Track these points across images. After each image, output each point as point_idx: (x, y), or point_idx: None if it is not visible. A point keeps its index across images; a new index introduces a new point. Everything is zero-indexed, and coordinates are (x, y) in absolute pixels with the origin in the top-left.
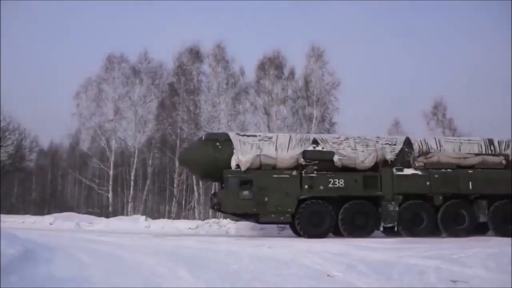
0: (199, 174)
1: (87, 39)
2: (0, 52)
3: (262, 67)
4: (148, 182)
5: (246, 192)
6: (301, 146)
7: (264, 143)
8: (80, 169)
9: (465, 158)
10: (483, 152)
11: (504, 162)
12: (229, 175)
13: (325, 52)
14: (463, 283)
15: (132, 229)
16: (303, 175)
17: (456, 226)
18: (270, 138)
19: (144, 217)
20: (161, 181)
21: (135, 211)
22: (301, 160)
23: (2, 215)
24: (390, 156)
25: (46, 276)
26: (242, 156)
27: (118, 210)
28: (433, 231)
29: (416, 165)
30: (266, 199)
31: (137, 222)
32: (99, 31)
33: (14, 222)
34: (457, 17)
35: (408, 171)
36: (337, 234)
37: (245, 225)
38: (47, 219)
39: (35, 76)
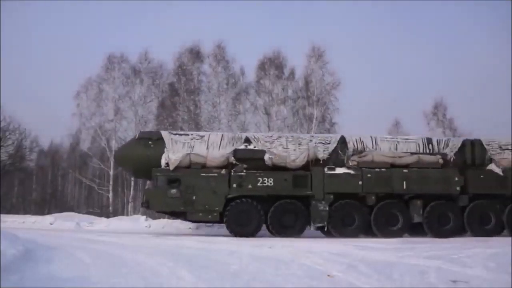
0: (132, 172)
1: (88, 39)
2: (0, 52)
3: (262, 67)
4: (148, 182)
5: (174, 191)
6: (233, 145)
7: (195, 142)
8: (81, 169)
9: (400, 157)
10: (421, 151)
11: (441, 161)
12: (158, 173)
13: (325, 52)
14: (463, 283)
15: (132, 229)
16: (232, 173)
17: (389, 226)
18: (202, 137)
19: (144, 217)
20: None
21: (135, 211)
22: (232, 159)
23: (2, 215)
24: (322, 155)
25: (46, 276)
26: (173, 155)
27: (118, 210)
28: (365, 231)
29: (350, 164)
30: (194, 197)
31: (137, 222)
32: (99, 31)
33: (15, 222)
34: (457, 17)
35: (340, 170)
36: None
37: None
38: (48, 219)
39: (36, 76)
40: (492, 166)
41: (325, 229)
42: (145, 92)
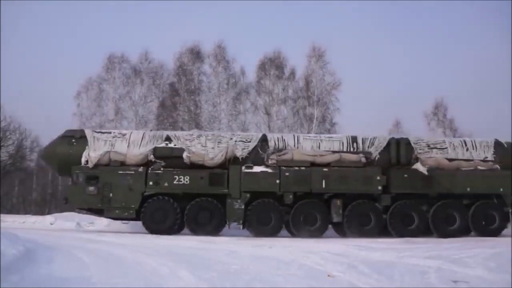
0: (56, 169)
1: (88, 39)
2: (0, 52)
3: (262, 67)
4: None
5: (92, 188)
6: (153, 143)
7: (117, 140)
8: None
9: (321, 155)
10: (345, 149)
11: (363, 160)
12: (77, 171)
13: (325, 52)
14: (464, 283)
15: (132, 229)
16: (149, 171)
17: (308, 226)
18: (124, 135)
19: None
20: None
21: None
22: (151, 157)
23: (2, 215)
24: (241, 153)
25: (47, 276)
26: (93, 153)
27: None
28: (280, 230)
29: (269, 162)
30: (111, 195)
31: (137, 222)
32: (99, 31)
33: (15, 222)
34: (458, 17)
35: (257, 169)
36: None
37: None
38: (48, 219)
39: (36, 76)
40: (417, 166)
41: (241, 228)
42: (145, 92)
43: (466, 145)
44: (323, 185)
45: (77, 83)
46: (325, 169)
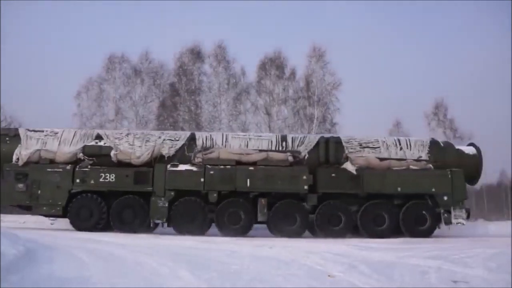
0: None
1: (88, 39)
2: (0, 52)
3: (263, 67)
4: None
5: (21, 185)
6: (84, 141)
7: (49, 138)
8: None
9: (248, 154)
10: (273, 148)
11: (290, 159)
12: (7, 168)
13: (326, 52)
14: (464, 284)
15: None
16: (77, 169)
17: (232, 224)
18: (56, 133)
19: None
20: None
21: None
22: (81, 155)
23: (2, 215)
24: (167, 152)
25: (47, 276)
26: (24, 151)
27: None
28: (207, 229)
29: (196, 161)
30: (39, 192)
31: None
32: (100, 31)
33: (15, 222)
34: (458, 17)
35: (182, 167)
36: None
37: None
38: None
39: (36, 76)
40: (346, 165)
41: (166, 225)
42: (145, 92)
43: (400, 144)
44: (248, 184)
45: (78, 83)
46: (250, 168)
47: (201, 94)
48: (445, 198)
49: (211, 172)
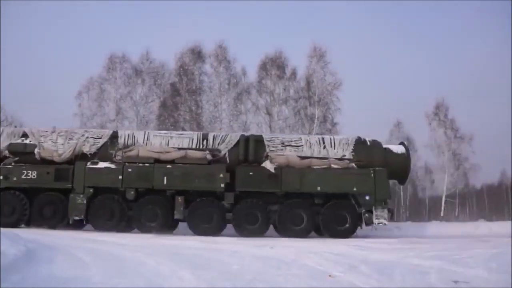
0: None
1: (89, 39)
2: (0, 52)
3: (264, 67)
4: None
5: None
6: (10, 139)
7: None
8: None
9: (167, 152)
10: (194, 146)
11: (208, 157)
12: None
13: (326, 52)
14: (465, 284)
15: None
16: (1, 166)
17: (149, 222)
18: None
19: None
20: None
21: None
22: (6, 152)
23: None
24: (88, 150)
25: (48, 276)
26: None
27: None
28: (123, 226)
29: (116, 158)
30: None
31: None
32: (100, 31)
33: None
34: (458, 17)
35: (102, 165)
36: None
37: None
38: None
39: (37, 76)
40: (265, 163)
41: (84, 222)
42: (146, 92)
43: (323, 142)
44: (165, 182)
45: (78, 83)
46: (168, 166)
47: (202, 94)
48: (367, 198)
49: (129, 170)
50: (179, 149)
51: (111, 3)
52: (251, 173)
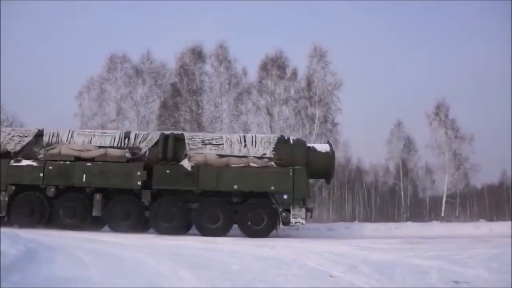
0: None
1: (90, 39)
2: (1, 51)
3: (264, 67)
4: None
5: None
6: None
7: None
8: None
9: (87, 150)
10: (116, 144)
11: (128, 155)
12: None
13: (327, 52)
14: (465, 284)
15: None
16: None
17: (68, 219)
18: None
19: None
20: None
21: None
22: None
23: None
24: (13, 148)
25: (48, 276)
26: None
27: None
28: (46, 223)
29: (39, 156)
30: None
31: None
32: (101, 31)
33: None
34: (458, 17)
35: (24, 162)
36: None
37: None
38: None
39: (38, 76)
40: (184, 162)
41: (5, 219)
42: (147, 92)
43: (245, 141)
44: (84, 180)
45: (79, 83)
46: (88, 164)
47: (203, 94)
48: (285, 196)
49: (50, 168)
50: (100, 147)
51: (111, 3)
52: (168, 171)
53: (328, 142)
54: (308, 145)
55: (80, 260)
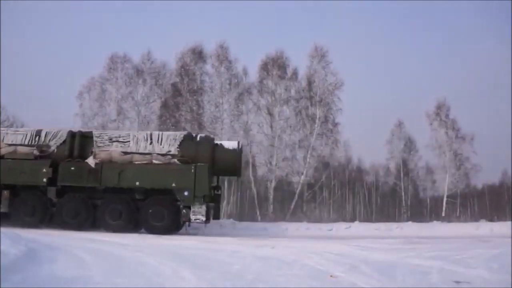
0: None
1: (90, 39)
2: (1, 52)
3: (265, 67)
4: None
5: None
6: None
7: None
8: None
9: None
10: (27, 142)
11: (36, 153)
12: None
13: (328, 52)
14: (466, 284)
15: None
16: None
17: None
18: None
19: None
20: None
21: None
22: None
23: None
24: None
25: (49, 276)
26: None
27: None
28: None
29: None
30: None
31: None
32: (102, 31)
33: None
34: (458, 17)
35: None
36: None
37: (246, 226)
38: None
39: (38, 76)
40: (89, 159)
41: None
42: (148, 92)
43: (151, 138)
44: None
45: (80, 83)
46: None
47: (203, 94)
48: (186, 193)
49: None
50: (10, 145)
51: (112, 3)
52: (72, 168)
53: (238, 141)
54: (216, 142)
55: (81, 260)
